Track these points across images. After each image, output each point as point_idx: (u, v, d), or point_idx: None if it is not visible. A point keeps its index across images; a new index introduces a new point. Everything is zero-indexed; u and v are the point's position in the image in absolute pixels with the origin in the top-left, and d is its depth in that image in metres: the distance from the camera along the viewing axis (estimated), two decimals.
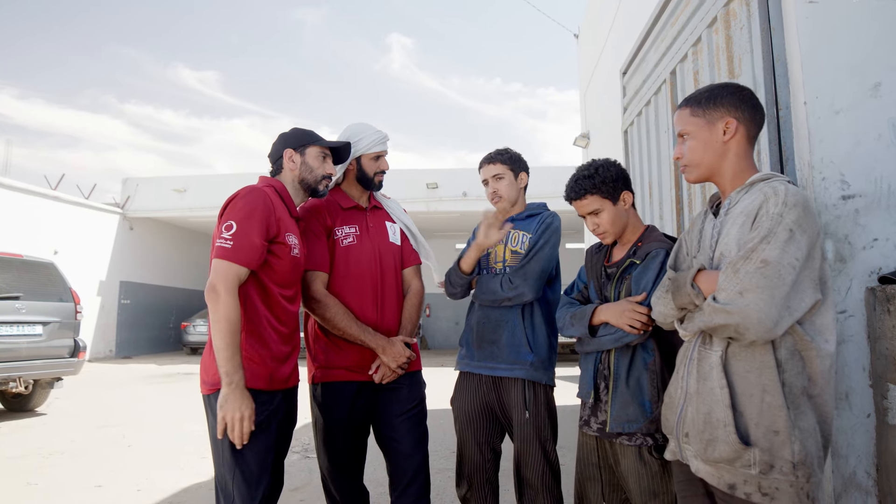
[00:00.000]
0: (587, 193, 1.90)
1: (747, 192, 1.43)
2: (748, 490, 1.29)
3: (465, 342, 2.37)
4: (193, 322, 16.06)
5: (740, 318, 1.25)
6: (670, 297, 1.46)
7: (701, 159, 1.51)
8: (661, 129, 3.35)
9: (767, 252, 1.25)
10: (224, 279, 1.78)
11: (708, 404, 1.36)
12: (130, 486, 3.93)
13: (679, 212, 3.02)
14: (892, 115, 1.95)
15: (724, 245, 1.41)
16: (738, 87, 1.52)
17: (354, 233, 2.22)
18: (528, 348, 2.18)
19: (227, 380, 1.73)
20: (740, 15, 2.35)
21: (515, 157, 2.40)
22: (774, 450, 1.26)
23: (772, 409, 1.27)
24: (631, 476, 1.76)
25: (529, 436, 2.13)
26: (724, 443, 1.31)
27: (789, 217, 1.27)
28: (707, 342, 1.41)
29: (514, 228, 2.33)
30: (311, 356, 2.22)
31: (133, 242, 16.48)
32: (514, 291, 2.18)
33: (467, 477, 2.26)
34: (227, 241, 1.81)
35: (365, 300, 2.17)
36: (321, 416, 2.14)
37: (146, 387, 9.51)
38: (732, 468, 1.31)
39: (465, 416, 2.28)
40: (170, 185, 16.19)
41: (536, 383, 2.18)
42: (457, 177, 15.70)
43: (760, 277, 1.24)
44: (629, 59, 3.99)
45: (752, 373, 1.31)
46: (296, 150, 2.08)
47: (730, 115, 1.47)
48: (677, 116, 1.57)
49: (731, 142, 1.47)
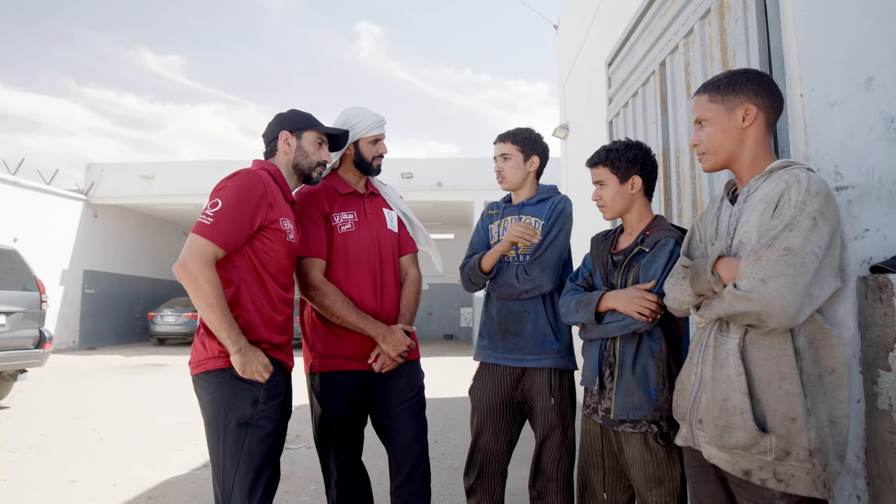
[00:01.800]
0: (599, 163, 1.95)
1: (766, 179, 1.43)
2: (763, 476, 1.29)
3: (487, 333, 2.31)
4: (161, 312, 15.71)
5: (762, 305, 1.25)
6: (688, 284, 1.45)
7: (720, 146, 1.49)
8: (648, 121, 3.37)
9: (790, 240, 1.25)
10: (198, 255, 1.71)
11: (724, 391, 1.36)
12: (105, 480, 3.82)
13: (667, 202, 3.05)
14: (883, 109, 1.99)
15: (744, 232, 1.40)
16: (757, 73, 1.51)
17: (352, 219, 2.17)
18: (554, 337, 2.17)
19: (236, 347, 1.72)
20: (735, 7, 2.37)
21: (530, 138, 2.31)
22: (791, 437, 1.27)
23: (789, 397, 1.28)
24: (636, 463, 1.77)
25: (553, 422, 2.12)
26: (741, 429, 1.31)
27: (812, 205, 1.27)
28: (724, 329, 1.41)
29: (526, 214, 2.28)
30: (307, 345, 2.18)
31: (97, 230, 16.00)
32: (532, 283, 2.15)
33: (478, 467, 2.22)
34: (208, 218, 1.75)
35: (363, 288, 2.14)
36: (319, 407, 2.11)
37: (114, 378, 9.27)
38: (748, 454, 1.32)
39: (486, 406, 2.24)
40: (136, 172, 15.76)
41: (563, 370, 2.17)
42: (431, 167, 15.66)
43: (783, 265, 1.24)
44: (615, 50, 4.00)
45: (770, 360, 1.31)
46: (292, 133, 2.03)
47: (749, 101, 1.46)
48: (695, 102, 1.55)
49: (750, 128, 1.46)
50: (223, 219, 1.75)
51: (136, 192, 15.80)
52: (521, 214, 2.31)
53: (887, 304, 1.78)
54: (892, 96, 1.99)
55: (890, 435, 1.75)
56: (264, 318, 1.85)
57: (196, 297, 1.70)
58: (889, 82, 2.00)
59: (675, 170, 2.98)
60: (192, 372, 1.84)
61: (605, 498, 1.90)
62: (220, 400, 1.75)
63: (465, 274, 2.29)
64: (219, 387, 1.76)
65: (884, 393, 1.80)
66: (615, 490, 1.89)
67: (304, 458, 4.31)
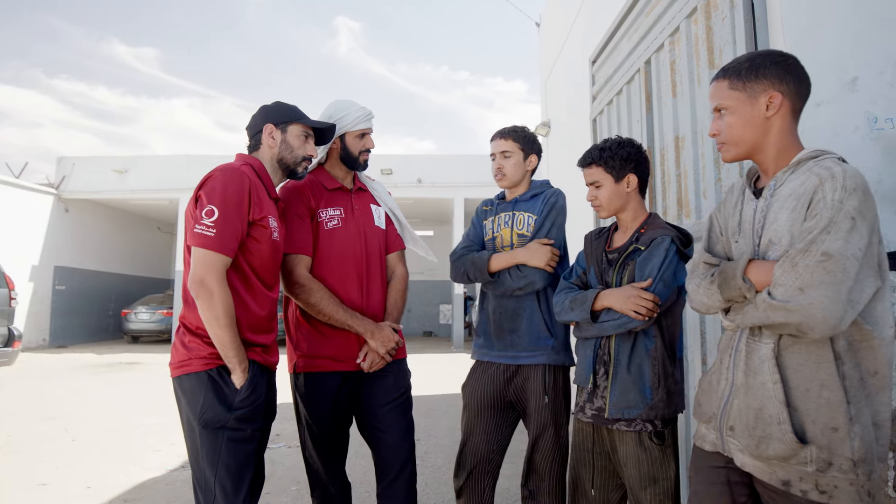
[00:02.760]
0: (593, 163, 1.92)
1: (794, 171, 1.32)
2: (805, 487, 1.21)
3: (482, 332, 2.29)
4: (135, 309, 15.39)
5: (802, 316, 1.15)
6: (716, 289, 1.34)
7: (741, 136, 1.37)
8: (633, 119, 3.38)
9: (829, 244, 1.15)
10: (213, 271, 1.69)
11: (759, 399, 1.27)
12: (79, 483, 3.71)
13: (652, 200, 3.06)
14: (868, 109, 2.01)
15: (773, 231, 1.30)
16: (782, 55, 1.38)
17: (339, 215, 2.13)
18: (549, 333, 2.15)
19: (242, 367, 1.73)
20: (722, 6, 2.37)
21: (530, 137, 2.30)
22: (833, 447, 1.18)
23: (830, 405, 1.19)
24: (630, 462, 1.77)
25: (546, 421, 2.11)
26: (779, 441, 1.22)
27: (850, 203, 1.16)
28: (756, 334, 1.31)
29: (520, 210, 2.27)
30: (292, 344, 2.13)
31: (69, 225, 15.61)
32: (525, 280, 2.13)
33: (469, 467, 2.19)
34: (210, 229, 1.70)
35: (350, 285, 2.09)
36: (304, 408, 2.06)
37: (86, 377, 9.05)
38: (787, 465, 1.23)
39: (477, 404, 2.22)
40: (109, 166, 15.40)
41: (557, 366, 2.16)
42: (411, 163, 15.59)
43: (823, 272, 1.14)
44: (599, 48, 4.01)
45: (808, 366, 1.22)
46: (277, 126, 1.97)
47: (774, 88, 1.33)
48: (713, 89, 1.42)
49: (775, 117, 1.34)
50: (225, 227, 1.71)
51: (110, 186, 15.44)
52: (514, 210, 2.29)
53: None
54: (876, 97, 2.02)
55: None
56: (248, 319, 1.81)
57: (209, 314, 1.68)
58: (873, 83, 2.02)
59: (660, 168, 2.99)
60: (172, 374, 1.80)
61: (596, 495, 1.90)
62: (199, 403, 1.71)
63: (464, 267, 2.26)
64: (198, 390, 1.72)
65: None
66: (607, 489, 1.89)
67: (285, 457, 4.25)
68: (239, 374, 1.73)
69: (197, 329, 1.75)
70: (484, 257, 2.21)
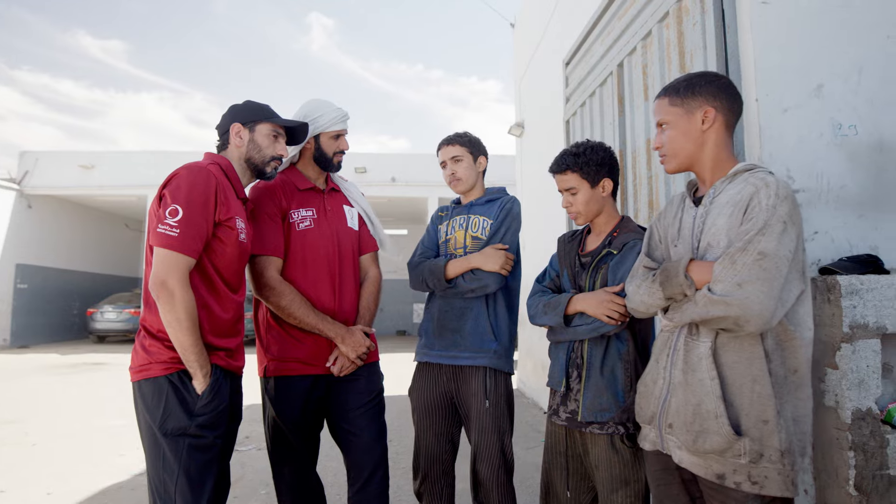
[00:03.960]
0: (568, 169, 1.91)
1: (731, 182, 1.45)
2: (738, 479, 1.31)
3: (425, 331, 2.31)
4: (101, 308, 14.99)
5: (740, 309, 1.25)
6: (658, 287, 1.45)
7: (681, 149, 1.51)
8: (605, 121, 3.41)
9: (764, 244, 1.26)
10: (176, 272, 1.64)
11: (698, 395, 1.36)
12: (39, 489, 3.60)
13: (624, 202, 3.09)
14: (832, 116, 2.06)
15: (712, 235, 1.41)
16: (716, 75, 1.54)
17: (311, 216, 2.10)
18: (493, 336, 2.16)
19: (203, 371, 1.69)
20: (693, 11, 2.40)
21: (475, 140, 2.36)
22: (764, 439, 1.29)
23: (761, 399, 1.30)
24: (602, 464, 1.78)
25: (488, 426, 2.11)
26: (717, 434, 1.32)
27: (782, 209, 1.29)
28: (694, 333, 1.41)
29: (475, 213, 2.30)
30: (262, 347, 2.09)
31: (31, 222, 15.14)
32: (478, 283, 2.14)
33: (423, 469, 2.21)
34: (173, 229, 1.65)
35: (322, 287, 2.07)
36: (274, 412, 2.02)
37: (49, 378, 8.79)
38: (722, 458, 1.33)
39: (424, 406, 2.24)
40: (75, 161, 14.98)
41: (498, 371, 2.16)
42: (385, 162, 15.52)
43: (759, 269, 1.25)
44: (573, 50, 4.03)
45: (742, 363, 1.32)
46: (244, 126, 1.93)
47: (708, 104, 1.48)
48: (656, 106, 1.57)
49: (709, 131, 1.48)
50: (188, 227, 1.67)
51: (75, 181, 15.02)
52: (469, 214, 2.32)
53: (835, 304, 1.84)
54: (840, 104, 2.07)
55: (836, 431, 1.82)
56: (212, 323, 1.76)
57: (171, 317, 1.64)
58: (838, 90, 2.07)
59: (631, 170, 3.02)
60: (132, 378, 1.74)
61: (569, 497, 1.90)
62: (159, 409, 1.66)
63: (421, 275, 2.27)
64: (159, 395, 1.68)
65: (830, 390, 1.86)
66: (579, 491, 1.89)
67: (255, 460, 4.19)
68: (200, 380, 1.68)
69: (158, 332, 1.70)
70: (440, 264, 2.21)
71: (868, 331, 1.83)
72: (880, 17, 2.10)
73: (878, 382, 1.81)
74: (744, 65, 2.12)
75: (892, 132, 2.07)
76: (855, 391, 1.80)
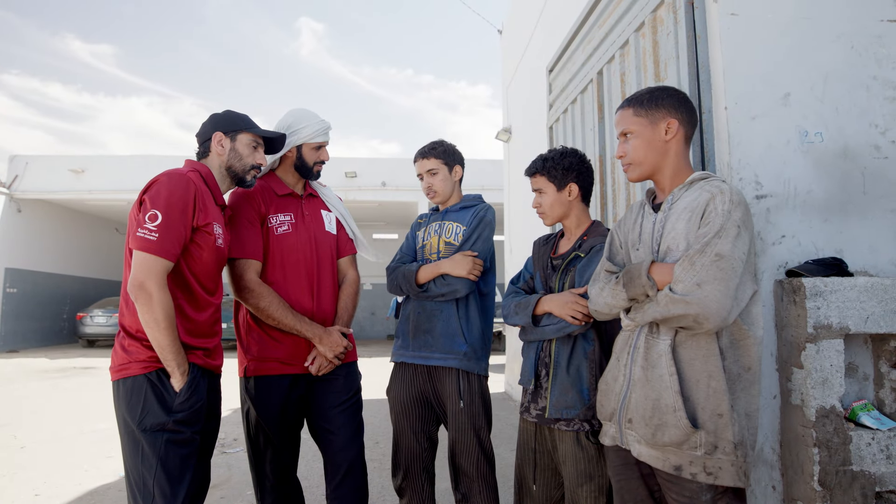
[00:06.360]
0: (536, 172, 2.01)
1: (688, 189, 1.52)
2: (694, 470, 1.37)
3: (401, 332, 2.36)
4: (91, 312, 14.91)
5: (700, 308, 1.32)
6: (621, 288, 1.51)
7: (644, 157, 1.58)
8: (586, 127, 3.47)
9: (720, 246, 1.34)
10: (154, 275, 1.69)
11: (657, 391, 1.43)
12: (27, 491, 3.61)
13: (603, 207, 3.15)
14: (799, 123, 2.13)
15: (671, 239, 1.48)
16: (675, 90, 1.61)
17: (289, 221, 2.14)
18: (463, 338, 2.22)
19: (181, 370, 1.73)
20: (667, 22, 2.47)
21: (450, 150, 2.41)
22: (719, 432, 1.36)
23: (716, 394, 1.36)
24: (568, 460, 1.83)
25: (464, 425, 2.16)
26: (674, 427, 1.38)
27: (736, 214, 1.37)
28: (654, 332, 1.47)
29: (449, 220, 2.36)
30: (242, 347, 2.13)
31: (21, 226, 15.06)
32: (448, 288, 2.21)
33: (403, 466, 2.26)
34: (152, 233, 1.71)
35: (300, 290, 2.11)
36: (254, 410, 2.06)
37: (38, 382, 8.76)
38: (679, 451, 1.39)
39: (401, 405, 2.29)
40: (65, 165, 14.90)
41: (470, 373, 2.21)
42: (375, 166, 15.52)
43: (716, 270, 1.32)
44: (556, 57, 4.10)
45: (699, 360, 1.39)
46: (226, 135, 1.99)
47: (671, 115, 1.55)
48: (619, 116, 1.63)
49: (672, 141, 1.56)
50: (167, 231, 1.72)
51: (65, 186, 14.94)
52: (444, 220, 2.38)
53: (801, 306, 1.90)
54: (807, 111, 2.13)
55: (801, 428, 1.87)
56: (188, 324, 1.82)
57: (149, 317, 1.69)
58: (804, 98, 2.14)
59: (610, 176, 3.08)
60: (112, 377, 1.79)
61: (538, 493, 1.96)
62: (139, 407, 1.71)
63: (396, 279, 2.34)
64: (138, 393, 1.72)
65: (796, 389, 1.92)
66: (549, 486, 1.95)
67: (242, 462, 4.21)
68: (178, 377, 1.73)
69: (136, 332, 1.75)
70: (413, 269, 2.28)
71: (832, 331, 1.89)
72: (845, 28, 2.16)
73: (842, 381, 1.87)
74: (714, 74, 2.18)
75: (857, 139, 2.13)
76: (819, 390, 1.86)
